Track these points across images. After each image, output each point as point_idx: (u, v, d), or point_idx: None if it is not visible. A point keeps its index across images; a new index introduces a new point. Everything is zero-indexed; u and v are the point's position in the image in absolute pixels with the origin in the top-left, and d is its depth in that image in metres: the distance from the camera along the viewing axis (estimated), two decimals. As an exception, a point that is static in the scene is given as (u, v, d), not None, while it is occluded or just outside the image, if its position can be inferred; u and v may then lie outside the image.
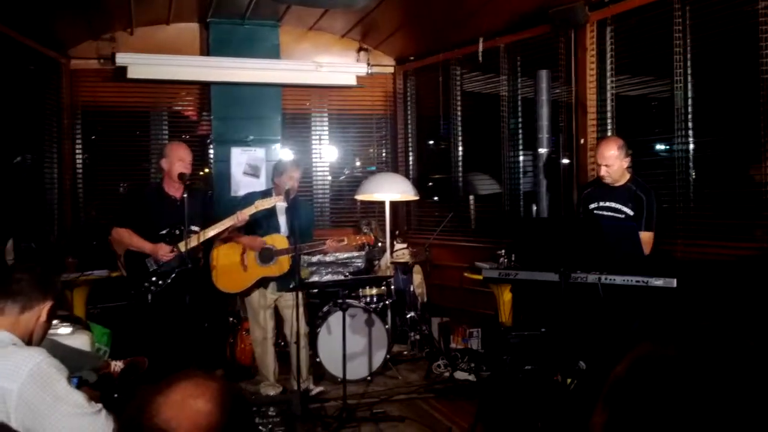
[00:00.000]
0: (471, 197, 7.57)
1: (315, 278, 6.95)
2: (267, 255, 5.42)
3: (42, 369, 2.14)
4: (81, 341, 4.37)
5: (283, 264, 5.39)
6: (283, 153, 7.32)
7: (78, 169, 7.21)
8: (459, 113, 7.40)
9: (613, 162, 4.74)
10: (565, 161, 6.16)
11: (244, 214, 5.15)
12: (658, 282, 4.13)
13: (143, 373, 4.39)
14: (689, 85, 5.12)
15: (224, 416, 1.25)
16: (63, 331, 4.33)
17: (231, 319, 6.37)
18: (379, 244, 7.16)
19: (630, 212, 4.74)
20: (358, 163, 8.33)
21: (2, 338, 2.23)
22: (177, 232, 5.04)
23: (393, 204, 7.34)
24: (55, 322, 4.39)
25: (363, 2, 4.62)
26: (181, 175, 4.94)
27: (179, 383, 1.28)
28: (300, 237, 5.42)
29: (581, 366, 4.53)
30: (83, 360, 3.93)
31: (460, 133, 7.41)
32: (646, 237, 4.60)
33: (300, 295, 5.21)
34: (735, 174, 5.02)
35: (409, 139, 7.99)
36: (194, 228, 5.12)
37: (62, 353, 3.08)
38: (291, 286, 5.32)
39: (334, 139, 8.03)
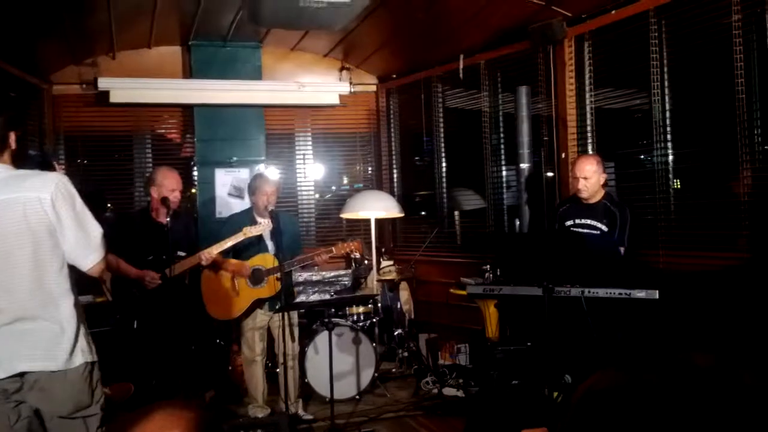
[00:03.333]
0: (456, 213, 7.61)
1: (302, 298, 6.93)
2: (257, 276, 5.42)
3: (65, 185, 2.86)
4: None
5: (273, 284, 5.39)
6: (259, 171, 7.28)
7: (62, 194, 7.17)
8: (442, 130, 7.45)
9: (591, 175, 4.81)
10: (548, 175, 6.20)
11: (231, 243, 5.16)
12: (641, 294, 4.18)
13: (129, 399, 4.38)
14: (666, 98, 5.19)
15: None
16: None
17: (219, 341, 6.35)
18: (366, 261, 7.18)
19: (604, 228, 4.82)
20: (345, 181, 8.35)
21: (5, 169, 2.86)
22: (164, 257, 5.04)
23: (378, 221, 7.35)
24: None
25: (341, 24, 4.65)
26: (164, 200, 4.94)
27: (154, 414, 1.28)
28: (290, 253, 5.43)
29: (567, 379, 4.54)
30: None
31: (443, 150, 7.46)
32: None
33: (288, 315, 5.21)
34: (715, 184, 5.08)
35: (393, 157, 8.03)
36: (180, 253, 5.13)
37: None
38: (277, 306, 5.32)
39: (319, 158, 8.05)
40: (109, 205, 7.37)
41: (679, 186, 5.21)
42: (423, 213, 7.94)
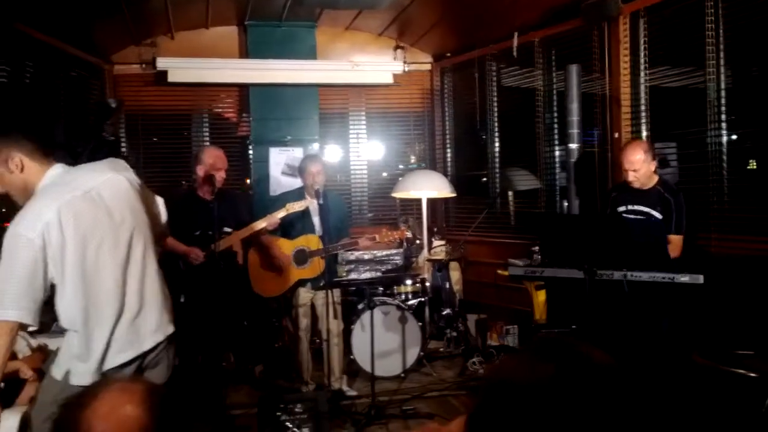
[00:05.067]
0: (510, 193, 7.52)
1: (353, 276, 6.99)
2: (302, 257, 5.49)
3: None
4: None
5: (316, 265, 5.45)
6: (311, 151, 7.34)
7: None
8: (495, 109, 7.36)
9: (640, 166, 4.65)
10: (600, 155, 6.06)
11: (276, 217, 5.25)
12: (685, 278, 4.07)
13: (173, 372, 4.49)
14: (722, 77, 4.99)
15: (153, 418, 1.28)
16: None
17: (273, 318, 6.47)
18: (417, 241, 7.18)
19: (658, 215, 4.65)
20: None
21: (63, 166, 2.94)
22: (210, 233, 5.14)
23: (431, 201, 7.34)
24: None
25: (384, 4, 4.62)
26: (209, 178, 5.04)
27: (104, 393, 1.31)
28: (336, 233, 5.49)
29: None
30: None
31: (496, 129, 7.37)
32: (675, 240, 4.53)
33: (331, 293, 5.26)
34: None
35: (447, 136, 7.98)
36: (227, 229, 5.23)
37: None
38: (321, 284, 5.38)
39: (372, 138, 8.06)
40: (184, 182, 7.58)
41: (729, 168, 5.00)
42: (476, 192, 7.83)
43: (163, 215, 3.23)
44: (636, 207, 4.79)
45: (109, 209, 2.84)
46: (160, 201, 3.22)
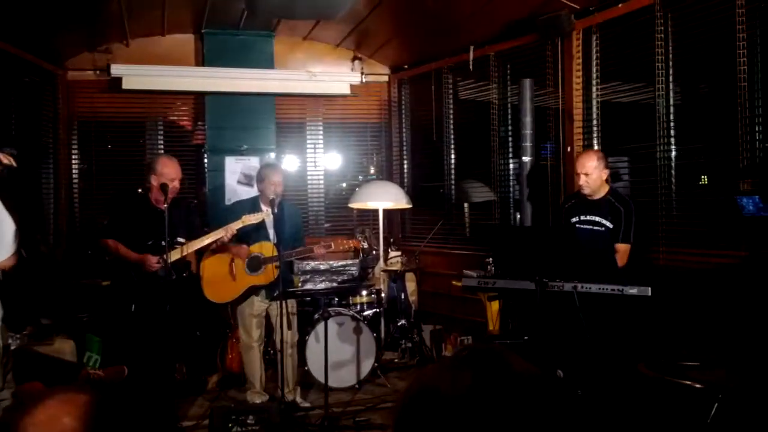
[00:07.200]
0: (465, 205, 7.58)
1: (309, 286, 6.97)
2: (255, 263, 5.45)
3: None
4: (62, 349, 4.43)
5: (270, 272, 5.42)
6: (268, 160, 7.32)
7: (74, 178, 7.31)
8: (452, 121, 7.43)
9: (592, 171, 4.75)
10: (553, 169, 6.15)
11: (232, 229, 5.19)
12: (633, 290, 4.14)
13: (122, 382, 4.44)
14: (671, 93, 5.12)
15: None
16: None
17: (226, 330, 6.42)
18: (374, 251, 7.19)
19: (609, 225, 4.75)
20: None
21: None
22: (163, 243, 5.08)
23: (388, 212, 7.36)
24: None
25: (338, 13, 4.65)
26: (162, 186, 4.98)
27: (45, 401, 1.28)
28: (291, 244, 5.47)
29: (559, 374, 4.52)
30: (58, 368, 3.98)
31: (453, 141, 7.43)
32: (622, 248, 4.62)
33: (286, 303, 5.23)
34: (717, 181, 5.00)
35: (404, 147, 8.03)
36: (180, 240, 5.18)
37: (35, 361, 3.13)
38: (275, 294, 5.35)
39: (329, 148, 8.07)
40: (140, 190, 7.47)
41: (677, 183, 5.12)
42: (432, 203, 7.88)
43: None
44: (588, 217, 4.88)
45: None
46: (8, 222, 2.99)
